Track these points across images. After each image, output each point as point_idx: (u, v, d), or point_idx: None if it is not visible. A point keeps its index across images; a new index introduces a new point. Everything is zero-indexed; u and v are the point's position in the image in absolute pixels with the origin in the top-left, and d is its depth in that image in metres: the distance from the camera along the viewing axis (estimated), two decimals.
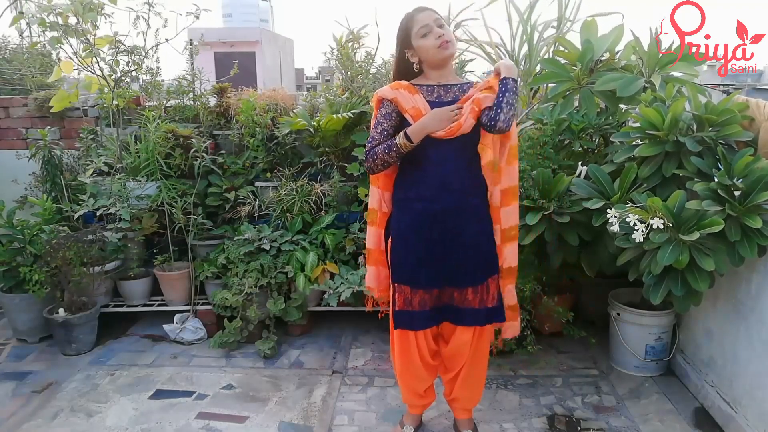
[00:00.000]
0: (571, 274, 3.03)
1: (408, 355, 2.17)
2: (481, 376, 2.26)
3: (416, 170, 2.02)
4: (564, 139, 2.91)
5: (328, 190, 3.26)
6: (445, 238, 2.01)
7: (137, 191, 3.28)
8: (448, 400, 2.36)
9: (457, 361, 2.21)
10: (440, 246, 2.01)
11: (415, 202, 2.02)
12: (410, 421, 2.38)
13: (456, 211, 2.00)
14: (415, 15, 1.97)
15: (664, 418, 2.47)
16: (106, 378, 2.88)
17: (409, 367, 2.20)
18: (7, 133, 3.94)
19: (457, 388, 2.25)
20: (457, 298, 2.07)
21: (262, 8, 19.04)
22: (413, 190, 2.03)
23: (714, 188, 2.09)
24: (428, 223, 2.01)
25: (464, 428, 2.33)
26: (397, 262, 2.06)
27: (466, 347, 2.15)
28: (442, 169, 1.98)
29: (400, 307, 2.05)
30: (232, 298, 3.05)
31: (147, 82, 3.64)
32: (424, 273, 2.03)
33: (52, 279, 3.09)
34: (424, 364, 2.19)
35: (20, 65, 4.42)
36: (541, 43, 3.26)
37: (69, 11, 3.03)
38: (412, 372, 2.21)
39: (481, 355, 2.22)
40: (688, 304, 2.22)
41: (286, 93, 3.72)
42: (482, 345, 2.20)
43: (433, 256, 2.02)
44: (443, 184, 1.98)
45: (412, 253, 2.03)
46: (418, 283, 2.03)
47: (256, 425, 2.48)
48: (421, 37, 1.95)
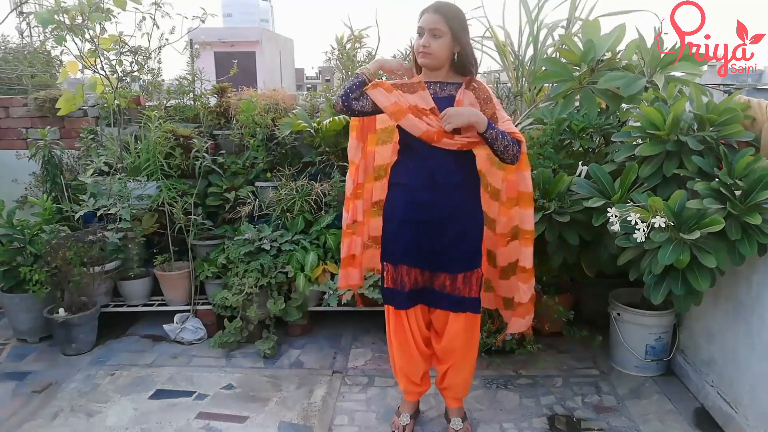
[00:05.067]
0: (571, 273, 3.03)
1: (403, 335, 2.28)
2: (471, 364, 2.35)
3: (409, 160, 2.13)
4: (564, 138, 2.91)
5: (328, 190, 3.25)
6: (431, 227, 2.12)
7: (137, 191, 3.28)
8: (439, 388, 2.43)
9: (451, 355, 2.30)
10: (425, 232, 2.13)
11: (405, 189, 2.14)
12: (407, 409, 2.44)
13: (443, 203, 2.11)
14: (424, 13, 2.00)
15: (665, 418, 2.47)
16: (106, 378, 2.88)
17: (404, 349, 2.30)
18: (7, 132, 3.93)
19: (449, 376, 2.34)
20: (435, 282, 2.20)
21: (262, 8, 19.02)
22: (404, 177, 2.14)
23: (715, 187, 2.09)
24: (416, 210, 2.12)
25: (454, 416, 2.40)
26: (386, 242, 2.23)
27: (458, 339, 2.24)
28: (431, 162, 2.06)
29: (387, 285, 2.22)
30: (232, 298, 3.05)
31: (148, 82, 3.64)
32: (408, 255, 2.16)
33: (52, 279, 3.09)
34: (417, 347, 2.29)
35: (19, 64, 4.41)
36: (548, 43, 3.28)
37: (76, 11, 3.03)
38: (407, 355, 2.31)
39: (472, 345, 2.32)
40: (689, 303, 2.22)
41: (287, 93, 3.73)
42: (473, 336, 2.30)
43: (417, 240, 2.14)
44: (431, 176, 2.08)
45: (399, 236, 2.17)
46: (401, 262, 2.17)
47: (256, 425, 2.48)
48: (417, 36, 2.04)
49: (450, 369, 2.32)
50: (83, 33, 3.12)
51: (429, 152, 2.04)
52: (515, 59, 3.47)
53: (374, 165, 2.34)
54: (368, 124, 2.26)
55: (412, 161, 2.11)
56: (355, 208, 2.33)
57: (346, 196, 2.34)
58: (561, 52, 2.91)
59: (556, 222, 2.56)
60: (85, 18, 3.05)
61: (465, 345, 2.27)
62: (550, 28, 3.31)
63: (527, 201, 2.19)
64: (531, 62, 3.37)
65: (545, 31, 3.30)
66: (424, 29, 1.98)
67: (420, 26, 1.99)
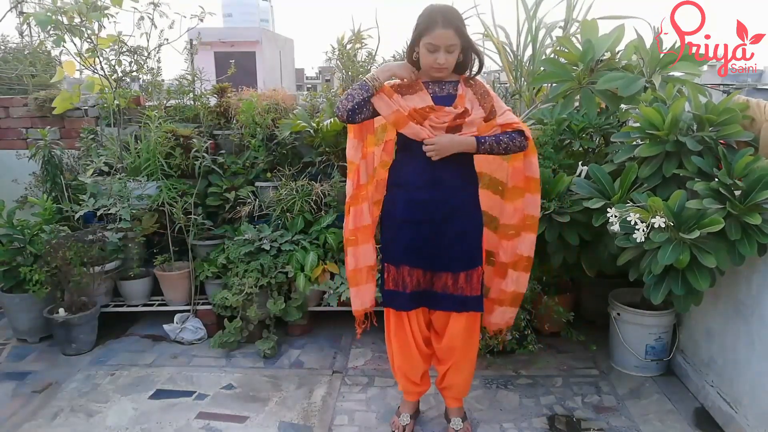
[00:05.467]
0: (571, 273, 3.03)
1: (403, 337, 2.28)
2: (471, 363, 2.35)
3: (408, 160, 2.12)
4: (564, 138, 2.91)
5: (328, 190, 3.25)
6: (432, 227, 2.12)
7: (137, 191, 3.28)
8: (439, 388, 2.43)
9: (451, 354, 2.30)
10: (426, 232, 2.12)
11: (405, 190, 2.13)
12: (407, 409, 2.44)
13: (443, 204, 2.11)
14: (435, 27, 1.92)
15: (665, 418, 2.47)
16: (106, 378, 2.88)
17: (404, 350, 2.30)
18: (7, 132, 3.93)
19: (449, 376, 2.34)
20: (437, 284, 2.19)
21: (262, 8, 18.98)
22: (404, 177, 2.14)
23: (715, 187, 2.09)
24: (416, 210, 2.11)
25: (454, 416, 2.39)
26: (387, 243, 2.22)
27: (459, 338, 2.24)
28: (430, 162, 2.04)
29: (388, 286, 2.20)
30: (232, 298, 3.05)
31: (147, 82, 3.64)
32: (409, 255, 2.15)
33: (52, 279, 3.09)
34: (417, 347, 2.29)
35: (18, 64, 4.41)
36: (547, 43, 3.28)
37: (74, 11, 3.03)
38: (407, 356, 2.30)
39: (473, 344, 2.32)
40: (689, 303, 2.22)
41: (287, 93, 3.72)
42: (474, 335, 2.31)
43: (418, 241, 2.13)
44: (431, 176, 2.07)
45: (400, 236, 2.16)
46: (403, 263, 2.16)
47: (256, 425, 2.48)
48: (426, 49, 1.97)
49: (450, 368, 2.32)
50: (81, 33, 3.12)
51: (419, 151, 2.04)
52: (514, 59, 3.47)
53: (374, 165, 2.31)
54: (367, 124, 2.24)
55: (411, 161, 2.10)
56: (358, 212, 2.24)
57: (347, 200, 2.25)
58: (559, 53, 2.92)
59: (556, 222, 2.56)
60: (83, 18, 3.05)
61: (465, 344, 2.27)
62: (549, 29, 3.31)
63: (535, 186, 2.20)
64: (530, 62, 3.37)
65: (544, 31, 3.30)
66: (438, 47, 1.94)
67: (433, 44, 1.93)
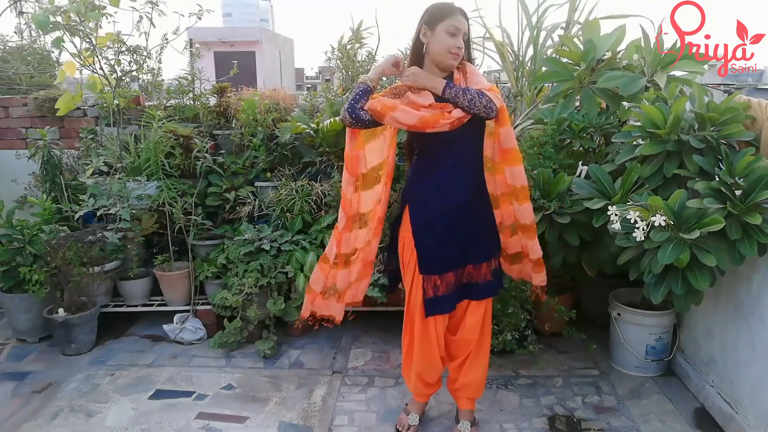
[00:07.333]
0: (571, 273, 3.03)
1: (429, 344, 2.25)
2: (486, 358, 2.34)
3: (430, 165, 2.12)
4: (564, 138, 2.91)
5: (328, 190, 3.25)
6: (461, 224, 2.13)
7: (137, 191, 3.28)
8: (452, 389, 2.40)
9: (466, 347, 2.29)
10: (458, 231, 2.13)
11: (430, 196, 2.12)
12: (416, 409, 2.43)
13: (468, 204, 2.13)
14: (456, 13, 1.99)
15: (665, 419, 2.47)
16: (106, 378, 2.88)
17: (428, 354, 2.26)
18: (6, 132, 3.93)
19: (464, 374, 2.32)
20: (474, 274, 2.20)
21: (262, 8, 18.99)
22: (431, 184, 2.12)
23: (715, 187, 2.09)
24: (445, 214, 2.12)
25: (464, 418, 2.38)
26: (422, 254, 2.15)
27: (476, 330, 2.25)
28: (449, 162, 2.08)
29: (429, 296, 2.15)
30: (232, 298, 3.05)
31: (147, 81, 3.63)
32: (447, 258, 2.15)
33: (51, 279, 3.09)
34: (440, 350, 2.27)
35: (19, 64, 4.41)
36: (548, 44, 3.28)
37: (72, 11, 3.03)
38: (428, 359, 2.27)
39: (487, 333, 2.32)
40: (689, 303, 2.21)
41: (287, 93, 3.72)
42: (487, 327, 2.32)
43: (453, 241, 2.14)
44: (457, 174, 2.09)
45: (435, 244, 2.13)
46: (444, 269, 2.14)
47: (256, 425, 2.48)
48: (446, 32, 1.99)
49: (466, 363, 2.31)
50: (80, 32, 3.12)
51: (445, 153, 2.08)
52: (515, 59, 3.47)
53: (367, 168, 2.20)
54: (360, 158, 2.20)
55: (436, 166, 2.10)
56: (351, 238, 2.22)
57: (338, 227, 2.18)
58: (560, 52, 2.92)
59: (557, 222, 2.56)
60: (82, 17, 3.05)
61: (482, 335, 2.29)
62: (549, 30, 3.31)
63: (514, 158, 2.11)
64: (531, 62, 3.37)
65: (545, 32, 3.30)
66: (460, 31, 1.99)
67: (457, 27, 1.98)
